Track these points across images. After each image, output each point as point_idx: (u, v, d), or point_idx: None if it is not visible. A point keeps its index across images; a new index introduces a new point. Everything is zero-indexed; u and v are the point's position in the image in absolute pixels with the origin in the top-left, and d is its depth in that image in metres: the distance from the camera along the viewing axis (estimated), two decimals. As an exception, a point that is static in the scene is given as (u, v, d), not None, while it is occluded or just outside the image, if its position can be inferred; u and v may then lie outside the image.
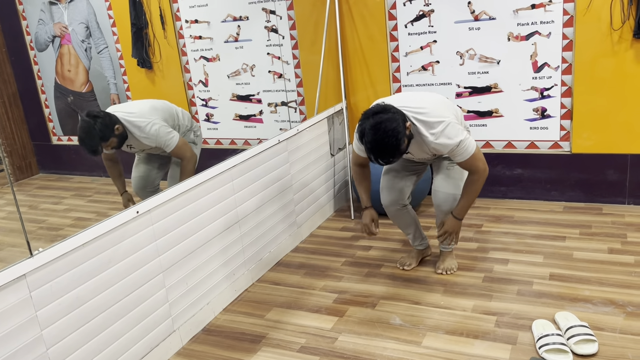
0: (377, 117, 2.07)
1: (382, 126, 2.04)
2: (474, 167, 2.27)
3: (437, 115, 2.21)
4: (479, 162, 2.26)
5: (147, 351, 2.16)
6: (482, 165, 2.27)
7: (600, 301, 2.31)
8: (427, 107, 2.24)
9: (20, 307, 1.67)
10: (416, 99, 2.28)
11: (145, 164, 2.77)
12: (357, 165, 2.51)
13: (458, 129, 2.21)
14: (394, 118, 2.07)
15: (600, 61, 3.01)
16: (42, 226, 3.43)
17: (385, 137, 2.04)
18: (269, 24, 3.63)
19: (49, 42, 4.15)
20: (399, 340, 2.21)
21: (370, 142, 2.08)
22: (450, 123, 2.20)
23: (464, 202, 2.38)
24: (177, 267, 2.30)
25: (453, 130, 2.19)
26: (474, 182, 2.31)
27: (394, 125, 2.05)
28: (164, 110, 2.74)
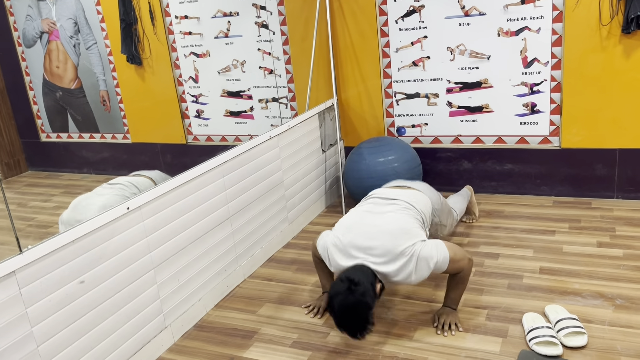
0: (347, 299, 1.95)
1: (351, 311, 1.96)
2: (458, 269, 2.16)
3: (403, 254, 2.08)
4: (460, 262, 2.14)
5: (138, 347, 2.15)
6: (464, 263, 2.15)
7: (590, 294, 2.34)
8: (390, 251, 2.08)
9: (10, 304, 1.66)
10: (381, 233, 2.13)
11: None
12: (317, 256, 2.38)
13: (425, 257, 2.08)
14: (362, 301, 1.95)
15: (590, 56, 3.03)
16: (32, 224, 3.40)
17: (353, 321, 1.97)
18: (260, 20, 3.62)
19: (37, 38, 4.11)
20: (390, 334, 2.22)
21: (339, 322, 2.00)
22: (417, 255, 2.07)
23: (455, 294, 2.24)
24: (169, 264, 2.29)
25: (422, 263, 2.08)
26: (462, 278, 2.20)
27: (362, 310, 1.95)
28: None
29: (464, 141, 3.51)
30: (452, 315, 2.24)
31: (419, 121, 3.59)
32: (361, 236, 2.16)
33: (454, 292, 2.24)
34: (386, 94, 3.62)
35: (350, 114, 3.77)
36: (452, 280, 2.23)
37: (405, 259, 2.08)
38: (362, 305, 1.96)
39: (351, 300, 1.96)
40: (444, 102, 3.48)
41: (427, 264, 2.08)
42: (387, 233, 2.14)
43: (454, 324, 2.21)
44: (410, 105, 3.58)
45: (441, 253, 2.10)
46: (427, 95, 3.51)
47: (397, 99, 3.61)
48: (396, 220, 2.20)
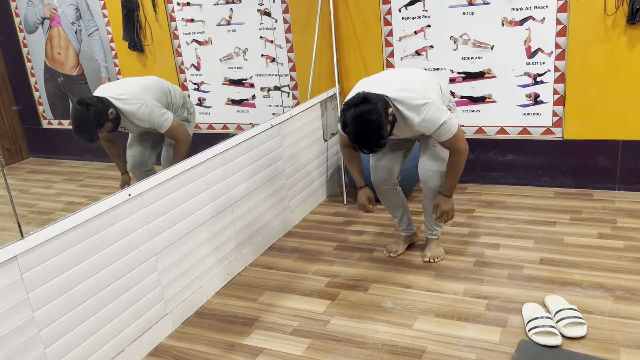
0: (358, 108, 2.05)
1: (363, 118, 2.03)
2: (455, 147, 2.30)
3: (420, 97, 2.19)
4: (460, 142, 2.29)
5: (139, 334, 2.16)
6: (462, 145, 2.30)
7: (590, 285, 2.34)
8: (410, 87, 2.21)
9: (11, 289, 1.66)
10: (400, 79, 2.28)
11: (139, 144, 2.74)
12: (346, 146, 2.51)
13: (441, 109, 2.20)
14: (375, 109, 2.04)
15: (594, 47, 3.01)
16: (33, 210, 3.40)
17: (367, 129, 2.04)
18: (262, 7, 3.60)
19: (39, 24, 4.09)
20: (390, 323, 2.23)
21: (353, 134, 2.07)
22: (433, 104, 2.18)
23: (450, 180, 2.42)
24: (170, 251, 2.30)
25: (437, 112, 2.18)
26: (456, 162, 2.35)
27: (376, 117, 2.03)
28: (156, 88, 2.70)
29: (467, 131, 3.49)
30: (447, 203, 2.45)
31: (422, 111, 3.57)
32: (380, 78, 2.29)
33: (449, 178, 2.40)
34: (389, 83, 3.60)
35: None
36: (448, 166, 2.38)
37: (421, 96, 2.18)
38: (375, 113, 2.03)
39: (364, 108, 2.03)
40: (447, 91, 3.46)
41: (437, 115, 2.18)
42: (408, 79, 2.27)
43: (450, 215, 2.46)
44: (412, 95, 3.56)
45: (452, 120, 2.23)
46: (429, 85, 3.49)
47: (399, 89, 3.59)
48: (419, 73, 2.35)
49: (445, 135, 2.24)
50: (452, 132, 2.24)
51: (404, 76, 2.31)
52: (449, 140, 2.26)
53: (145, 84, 2.68)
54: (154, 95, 2.59)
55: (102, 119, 2.39)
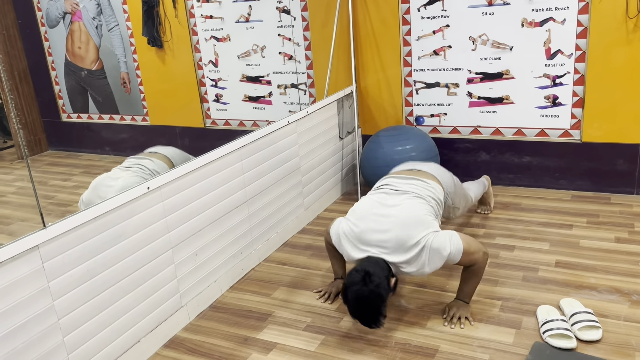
0: (361, 290, 1.99)
1: (365, 302, 2.00)
2: (472, 261, 2.14)
3: (416, 245, 2.07)
4: (474, 254, 2.12)
5: (155, 325, 2.19)
6: (478, 256, 2.13)
7: (606, 289, 2.32)
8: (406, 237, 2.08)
9: (33, 277, 1.69)
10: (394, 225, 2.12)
11: None
12: (329, 243, 2.38)
13: (442, 242, 2.07)
14: (377, 293, 1.99)
15: (615, 49, 2.98)
16: (52, 202, 3.46)
17: (367, 312, 2.02)
18: (281, 5, 3.61)
19: (60, 19, 4.15)
20: (403, 321, 2.23)
21: (353, 312, 2.05)
22: (430, 246, 2.06)
23: (468, 288, 2.22)
24: (186, 244, 2.33)
25: (435, 252, 2.06)
26: (475, 270, 2.17)
27: (376, 301, 2.00)
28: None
29: (483, 132, 3.48)
30: (463, 309, 2.21)
31: (438, 111, 3.56)
32: (373, 228, 2.14)
33: (467, 286, 2.22)
34: (406, 82, 3.60)
35: (368, 102, 3.76)
36: (465, 272, 2.21)
37: (417, 249, 2.07)
38: (376, 297, 1.99)
39: (365, 291, 1.98)
40: (464, 92, 3.45)
41: (440, 254, 2.06)
42: (400, 224, 2.12)
43: (465, 317, 2.19)
44: (429, 95, 3.56)
45: (455, 244, 2.08)
46: (447, 85, 3.49)
47: (416, 88, 3.59)
48: (408, 210, 2.19)
49: (455, 259, 2.09)
50: (460, 253, 2.08)
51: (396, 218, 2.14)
52: (461, 259, 2.11)
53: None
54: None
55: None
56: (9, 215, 3.38)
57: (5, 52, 3.92)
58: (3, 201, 3.59)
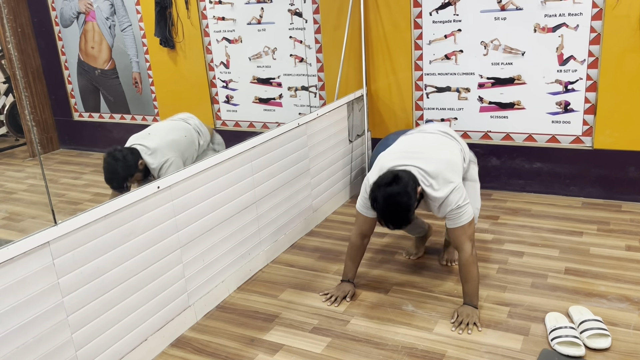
0: (389, 188, 2.08)
1: (394, 199, 2.07)
2: (460, 241, 2.19)
3: (445, 178, 2.18)
4: (467, 240, 2.19)
5: (162, 324, 2.20)
6: (468, 245, 2.18)
7: (616, 297, 2.30)
8: (438, 170, 2.19)
9: (43, 273, 1.71)
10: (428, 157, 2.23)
11: None
12: (360, 235, 2.40)
13: (462, 196, 2.18)
14: (405, 192, 2.07)
15: (628, 56, 2.96)
16: (62, 200, 3.49)
17: (397, 210, 2.09)
18: (293, 7, 3.62)
19: (74, 18, 4.19)
20: (410, 326, 2.23)
21: (382, 212, 2.12)
22: (456, 187, 2.17)
23: (470, 289, 2.23)
24: (195, 244, 2.33)
25: (457, 196, 2.17)
26: (465, 265, 2.20)
27: (405, 199, 2.07)
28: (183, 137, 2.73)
29: (494, 137, 3.47)
30: (471, 314, 2.20)
31: (449, 115, 3.56)
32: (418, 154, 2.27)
33: (468, 288, 2.23)
34: (416, 86, 3.60)
35: (379, 105, 3.75)
36: (461, 273, 2.24)
37: (446, 184, 2.17)
38: (405, 195, 2.07)
39: (395, 189, 2.07)
40: (475, 97, 3.44)
41: (457, 200, 2.16)
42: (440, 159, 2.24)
43: (473, 323, 2.18)
44: (440, 99, 3.55)
45: (468, 211, 2.19)
46: (458, 90, 3.48)
47: (427, 92, 3.58)
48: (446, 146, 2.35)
49: (456, 219, 2.18)
50: (464, 220, 2.17)
51: (432, 154, 2.26)
52: (457, 228, 2.18)
53: (173, 138, 2.70)
54: (178, 150, 2.63)
55: (132, 170, 2.49)
56: (20, 212, 3.42)
57: (19, 51, 3.96)
58: (14, 198, 3.63)
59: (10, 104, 4.15)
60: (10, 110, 4.13)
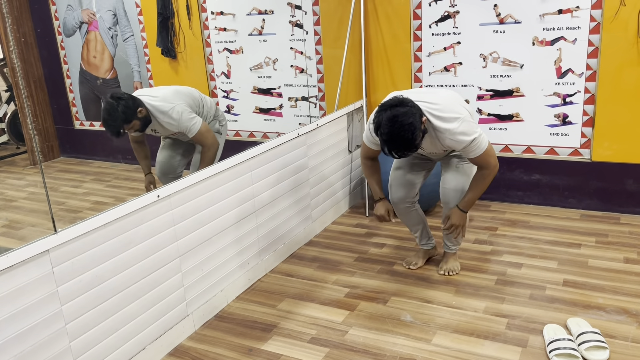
0: (394, 110, 2.09)
1: (398, 120, 2.06)
2: (485, 163, 2.30)
3: (452, 111, 2.22)
4: (491, 157, 2.30)
5: (160, 333, 2.20)
6: (493, 161, 2.31)
7: (614, 309, 2.30)
8: (443, 102, 2.25)
9: (42, 281, 1.71)
10: (432, 95, 2.30)
11: (169, 150, 2.81)
12: (367, 158, 2.53)
13: (472, 125, 2.23)
14: (410, 112, 2.09)
15: (626, 70, 2.98)
16: (62, 208, 3.49)
17: (401, 130, 2.06)
18: (294, 19, 3.66)
19: (77, 28, 4.22)
20: (409, 336, 2.23)
21: (386, 134, 2.09)
22: (465, 120, 2.22)
23: (471, 195, 2.40)
24: (194, 253, 2.34)
25: (468, 127, 2.21)
26: (484, 176, 2.34)
27: (411, 120, 2.07)
28: (188, 95, 2.77)
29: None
30: (461, 218, 2.42)
31: (448, 127, 3.57)
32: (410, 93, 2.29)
33: (472, 192, 2.38)
34: (416, 98, 3.62)
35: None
36: (474, 179, 2.36)
37: (453, 115, 2.20)
38: (410, 116, 2.07)
39: (399, 110, 2.07)
40: (474, 109, 3.46)
41: (469, 131, 2.20)
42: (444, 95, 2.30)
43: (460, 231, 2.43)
44: (439, 111, 3.57)
45: (483, 137, 2.24)
46: (457, 101, 3.50)
47: (426, 104, 3.60)
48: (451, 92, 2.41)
49: (475, 151, 2.24)
50: (483, 148, 2.25)
51: (436, 93, 2.33)
52: (479, 156, 2.27)
53: (177, 90, 2.76)
54: (184, 101, 2.66)
55: (130, 115, 2.47)
56: (20, 220, 3.42)
57: (22, 60, 3.99)
58: (15, 206, 3.63)
59: (11, 112, 4.17)
60: (11, 119, 4.15)
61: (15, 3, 3.93)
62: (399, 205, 2.63)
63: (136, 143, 2.79)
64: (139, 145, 2.79)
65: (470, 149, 2.24)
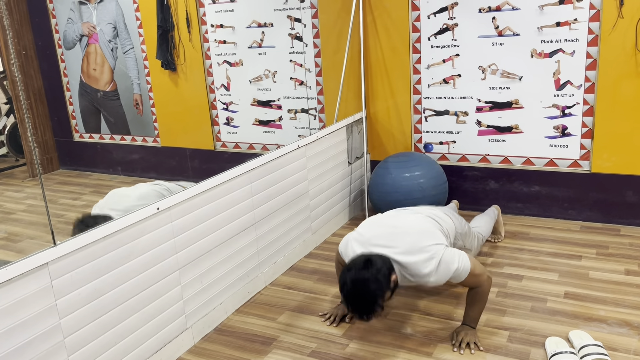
0: (359, 273, 1.99)
1: (361, 286, 1.97)
2: (475, 282, 2.17)
3: (423, 251, 2.10)
4: (480, 276, 2.15)
5: (159, 347, 2.18)
6: (482, 278, 2.16)
7: (615, 322, 2.29)
8: (412, 241, 2.13)
9: (41, 294, 1.70)
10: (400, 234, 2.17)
11: None
12: (340, 263, 2.38)
13: (450, 259, 2.09)
14: (375, 279, 1.98)
15: (624, 81, 3.00)
16: (61, 220, 3.48)
17: (364, 296, 1.98)
18: (293, 32, 3.68)
19: (77, 41, 4.25)
20: (409, 349, 2.21)
21: (347, 298, 2.02)
22: (437, 254, 2.09)
23: (475, 312, 2.22)
24: (193, 266, 2.33)
25: (445, 261, 2.09)
26: (479, 293, 2.19)
27: (374, 287, 1.97)
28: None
29: (492, 161, 3.49)
30: (470, 334, 2.21)
31: (447, 138, 3.58)
32: (383, 235, 2.19)
33: (473, 310, 2.23)
34: (415, 109, 3.63)
35: (378, 128, 3.78)
36: (470, 296, 2.22)
37: (427, 255, 2.09)
38: (376, 282, 1.98)
39: (365, 274, 1.98)
40: (473, 120, 3.47)
41: (448, 268, 2.08)
42: (411, 233, 2.17)
43: (473, 343, 2.18)
44: (438, 122, 3.58)
45: (463, 261, 2.11)
46: (456, 113, 3.51)
47: (425, 115, 3.61)
48: (420, 224, 2.25)
49: (461, 275, 2.12)
50: (467, 269, 2.11)
51: (405, 226, 2.22)
52: (467, 279, 2.14)
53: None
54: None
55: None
56: (19, 233, 3.41)
57: (22, 72, 4.00)
58: (13, 219, 3.62)
59: (11, 124, 4.18)
60: (10, 131, 4.15)
61: (15, 16, 3.95)
62: None
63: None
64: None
65: (455, 278, 2.12)
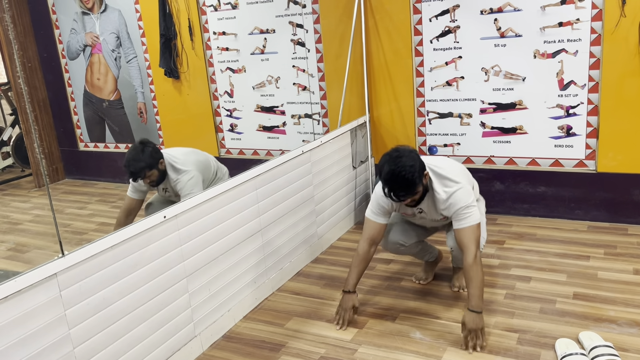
0: (396, 153, 2.18)
1: (400, 161, 2.14)
2: (468, 240, 2.20)
3: (453, 177, 2.29)
4: (474, 240, 2.20)
5: (168, 355, 2.18)
6: (473, 246, 2.19)
7: (626, 322, 2.28)
8: (447, 168, 2.32)
9: (50, 305, 1.71)
10: (438, 159, 2.38)
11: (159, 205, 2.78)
12: (368, 241, 2.43)
13: (471, 196, 2.26)
14: (412, 157, 2.17)
15: (628, 80, 2.99)
16: (67, 230, 3.50)
17: (402, 170, 2.12)
18: (295, 37, 3.69)
19: (80, 51, 4.27)
20: (419, 354, 2.20)
21: (388, 173, 2.15)
22: (463, 187, 2.26)
23: (473, 290, 2.19)
24: (201, 273, 2.33)
25: (465, 195, 2.24)
26: (472, 266, 2.19)
27: (412, 163, 2.14)
28: (206, 166, 2.84)
29: (497, 162, 3.48)
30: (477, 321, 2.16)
31: (452, 141, 3.58)
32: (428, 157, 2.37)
33: (472, 288, 2.19)
34: (419, 112, 3.63)
35: (381, 132, 3.78)
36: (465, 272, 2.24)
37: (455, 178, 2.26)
38: (412, 160, 2.14)
39: (404, 152, 2.17)
40: (477, 122, 3.47)
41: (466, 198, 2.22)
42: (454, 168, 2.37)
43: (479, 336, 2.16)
44: (442, 125, 3.58)
45: (476, 213, 2.23)
46: (460, 115, 3.51)
47: (429, 118, 3.61)
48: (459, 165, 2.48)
49: (466, 219, 2.22)
50: (471, 221, 2.22)
51: (442, 160, 2.40)
52: (466, 228, 2.21)
53: (198, 158, 2.82)
54: (201, 170, 2.75)
55: (153, 163, 2.57)
56: (26, 243, 3.42)
57: (28, 84, 4.03)
58: (20, 229, 3.64)
59: (16, 135, 4.20)
60: (16, 142, 4.18)
61: (20, 28, 3.98)
62: (390, 246, 2.61)
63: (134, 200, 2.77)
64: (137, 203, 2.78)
65: (461, 215, 2.22)
